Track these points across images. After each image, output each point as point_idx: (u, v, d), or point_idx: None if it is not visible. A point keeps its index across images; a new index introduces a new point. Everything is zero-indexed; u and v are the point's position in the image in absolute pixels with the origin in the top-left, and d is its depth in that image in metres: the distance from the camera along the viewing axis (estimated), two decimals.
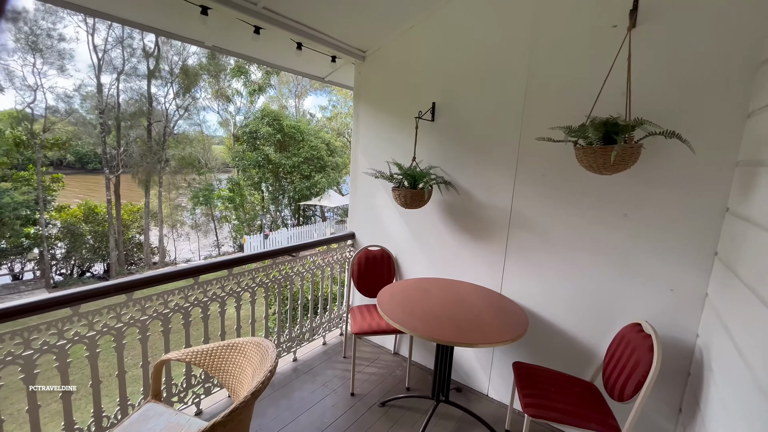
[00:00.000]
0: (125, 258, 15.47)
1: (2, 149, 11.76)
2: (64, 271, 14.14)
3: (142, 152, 15.35)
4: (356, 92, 3.12)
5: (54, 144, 13.75)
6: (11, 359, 1.53)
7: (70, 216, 13.83)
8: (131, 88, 14.89)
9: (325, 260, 3.03)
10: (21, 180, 12.64)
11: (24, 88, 12.57)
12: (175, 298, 2.07)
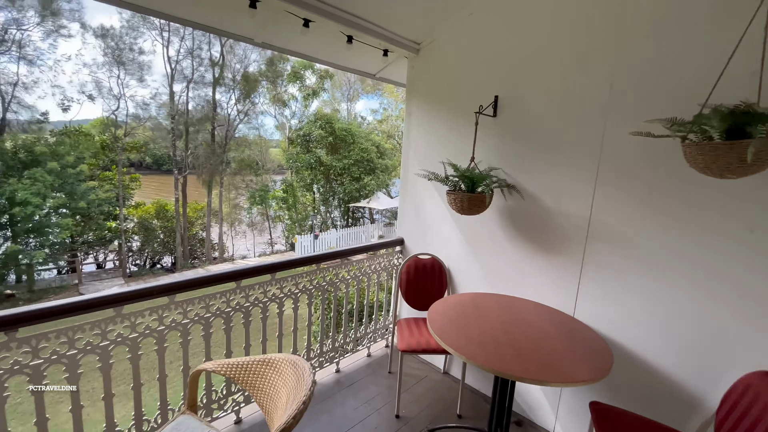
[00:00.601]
0: (189, 252, 16.69)
1: (91, 152, 13.23)
2: (139, 262, 15.59)
3: (206, 154, 16.51)
4: (409, 88, 2.91)
5: (133, 147, 15.25)
6: (56, 358, 1.52)
7: (145, 212, 15.23)
8: (199, 95, 16.09)
9: (372, 267, 2.85)
10: (105, 179, 14.17)
11: (110, 97, 14.08)
12: (217, 302, 2.00)
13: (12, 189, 9.76)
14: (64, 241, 12.11)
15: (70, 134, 13.02)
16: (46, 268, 12.22)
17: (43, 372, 1.50)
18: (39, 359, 1.48)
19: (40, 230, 10.83)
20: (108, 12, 23.46)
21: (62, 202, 11.27)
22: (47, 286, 11.88)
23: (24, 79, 12.35)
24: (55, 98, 13.31)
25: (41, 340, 1.48)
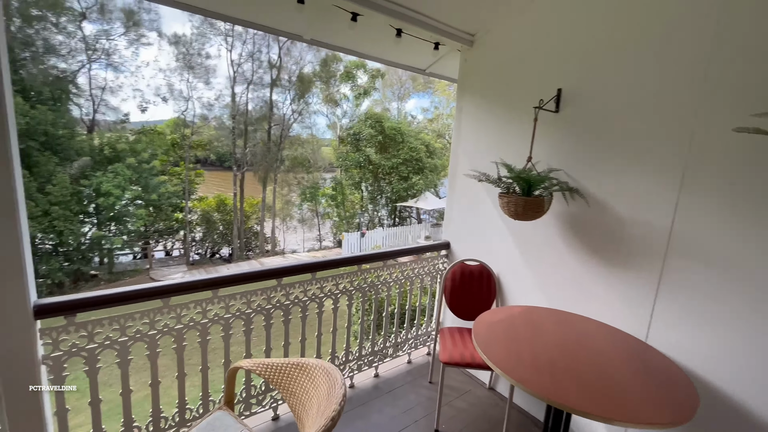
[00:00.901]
0: (245, 245, 17.71)
1: (163, 149, 14.53)
2: (200, 251, 16.83)
3: (262, 152, 17.38)
4: (460, 83, 2.74)
5: (198, 145, 16.48)
6: (109, 344, 1.60)
7: (207, 206, 16.41)
8: (258, 96, 16.98)
9: (415, 270, 2.73)
10: (174, 174, 15.48)
11: (180, 99, 15.33)
12: (258, 299, 2.01)
13: (98, 181, 11.02)
14: (138, 229, 13.44)
15: (146, 133, 14.41)
16: (123, 252, 13.66)
17: (97, 356, 1.58)
18: (94, 343, 1.56)
19: (119, 219, 12.12)
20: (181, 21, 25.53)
21: (138, 194, 12.51)
22: (124, 269, 13.26)
23: (110, 83, 13.88)
24: (135, 100, 14.79)
25: (96, 326, 1.56)
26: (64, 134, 10.99)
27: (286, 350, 2.17)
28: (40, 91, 10.87)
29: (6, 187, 1.30)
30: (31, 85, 10.73)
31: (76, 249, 11.32)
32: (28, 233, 1.41)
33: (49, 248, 10.84)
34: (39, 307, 1.42)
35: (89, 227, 12.01)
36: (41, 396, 1.46)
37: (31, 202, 9.75)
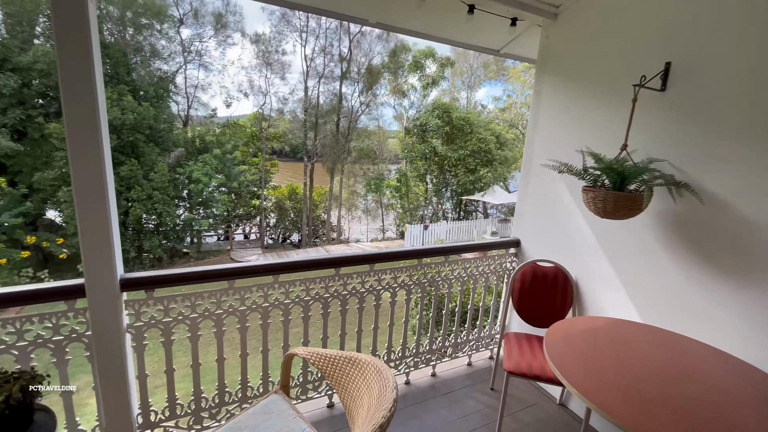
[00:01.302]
0: (312, 232, 18.65)
1: (243, 141, 15.81)
2: (273, 236, 18.12)
3: (331, 144, 18.01)
4: (540, 64, 2.45)
5: (274, 137, 17.61)
6: (182, 318, 1.71)
7: (280, 194, 17.55)
8: (328, 89, 17.58)
9: (480, 269, 2.54)
10: (253, 164, 16.79)
11: (259, 94, 16.49)
12: (317, 287, 2.01)
13: (190, 170, 12.40)
14: (222, 213, 14.88)
15: (230, 126, 15.80)
16: (209, 234, 15.26)
17: (172, 329, 1.70)
18: (169, 317, 1.68)
19: (206, 204, 13.53)
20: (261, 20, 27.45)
21: (222, 182, 13.82)
22: (209, 248, 14.82)
23: (202, 82, 15.44)
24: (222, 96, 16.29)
25: (171, 302, 1.68)
26: (164, 128, 12.51)
27: (343, 341, 2.16)
28: (146, 90, 12.48)
29: (98, 177, 1.42)
30: (140, 85, 12.36)
31: (172, 229, 12.91)
32: (117, 215, 1.55)
33: (152, 227, 12.52)
34: (124, 281, 1.55)
35: (182, 210, 13.59)
36: (126, 360, 1.62)
37: (138, 186, 11.31)
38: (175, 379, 1.78)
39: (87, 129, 1.37)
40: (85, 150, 1.38)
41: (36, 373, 1.31)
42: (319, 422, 2.06)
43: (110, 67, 11.50)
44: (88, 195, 1.42)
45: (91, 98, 1.36)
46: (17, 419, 1.24)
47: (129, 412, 1.66)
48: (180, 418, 1.82)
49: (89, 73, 1.34)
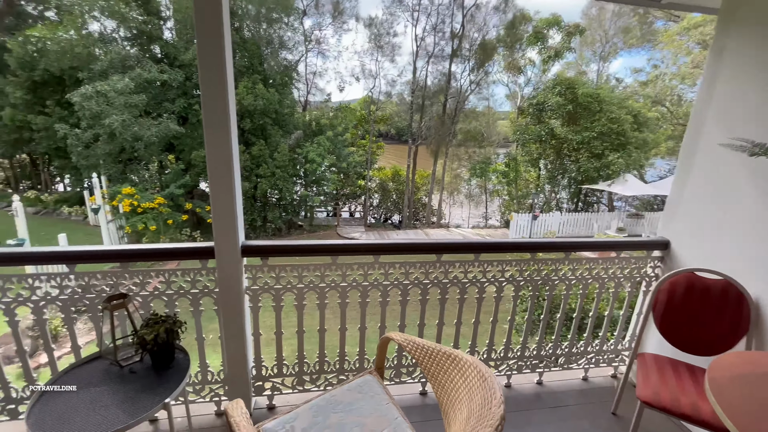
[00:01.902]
0: (413, 214, 18.85)
1: (353, 123, 16.65)
2: (376, 216, 18.92)
3: (436, 126, 17.68)
4: (725, 10, 1.84)
5: (381, 119, 18.09)
6: (290, 287, 1.81)
7: (384, 175, 18.11)
8: (437, 69, 17.15)
9: (609, 271, 2.12)
10: (360, 146, 17.61)
11: (369, 78, 17.02)
12: (416, 272, 1.92)
13: (307, 150, 13.63)
14: (331, 192, 16.10)
15: (342, 110, 16.76)
16: (320, 210, 16.75)
17: (282, 296, 1.82)
18: (279, 285, 1.80)
19: (318, 182, 14.79)
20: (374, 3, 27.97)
21: (333, 163, 14.87)
22: (320, 223, 16.28)
23: (319, 68, 16.62)
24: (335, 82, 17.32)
25: (281, 271, 1.79)
26: (287, 112, 13.94)
27: (440, 330, 2.05)
28: (274, 78, 14.00)
29: (227, 157, 1.55)
30: (269, 74, 13.93)
31: (290, 203, 14.52)
32: (240, 189, 1.68)
33: (274, 201, 14.28)
34: (244, 247, 1.70)
35: (299, 187, 15.13)
36: (244, 318, 1.79)
37: (265, 165, 12.93)
38: (283, 342, 1.92)
39: (219, 114, 1.50)
40: (217, 134, 1.52)
41: (177, 318, 1.52)
42: (410, 408, 2.01)
43: (247, 60, 13.20)
44: (218, 171, 1.56)
45: (223, 89, 1.47)
46: (164, 355, 1.46)
47: (245, 363, 1.85)
48: (286, 377, 1.97)
49: (222, 66, 1.45)
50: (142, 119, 11.28)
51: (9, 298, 1.58)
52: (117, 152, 11.51)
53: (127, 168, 11.89)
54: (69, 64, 11.75)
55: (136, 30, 12.75)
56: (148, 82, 11.67)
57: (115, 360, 1.45)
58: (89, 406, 1.24)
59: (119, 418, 1.20)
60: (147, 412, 1.22)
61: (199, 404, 1.93)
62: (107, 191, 10.37)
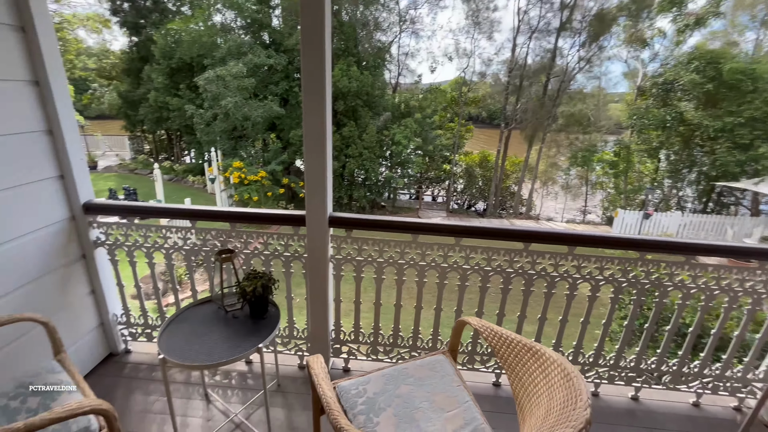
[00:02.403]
0: (499, 203, 17.90)
1: (442, 106, 16.22)
2: (459, 202, 18.44)
3: (534, 109, 16.26)
4: None
5: (472, 101, 17.29)
6: (370, 260, 1.87)
7: (471, 160, 17.44)
8: (540, 45, 15.64)
9: (744, 284, 1.74)
10: (448, 129, 17.14)
11: (463, 57, 16.30)
12: (500, 259, 1.82)
13: (393, 132, 13.77)
14: (415, 174, 16.11)
15: (431, 91, 16.43)
16: (402, 192, 16.92)
17: (362, 268, 1.90)
18: (360, 257, 1.87)
19: (403, 164, 14.90)
20: None
21: (419, 145, 14.79)
22: (402, 205, 16.50)
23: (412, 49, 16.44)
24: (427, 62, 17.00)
25: (363, 243, 1.85)
26: (377, 94, 14.19)
27: (520, 323, 1.93)
28: (367, 60, 14.30)
29: (322, 134, 1.63)
30: (362, 57, 14.25)
31: (375, 184, 14.96)
32: (331, 165, 1.76)
33: (360, 181, 14.87)
34: (332, 218, 1.79)
35: (384, 168, 15.47)
36: (328, 284, 1.91)
37: (353, 145, 13.45)
38: (360, 312, 2.01)
39: (317, 96, 1.58)
40: (313, 114, 1.60)
41: (272, 276, 1.69)
42: (481, 396, 1.96)
43: (343, 43, 13.67)
44: (313, 147, 1.66)
45: (321, 73, 1.54)
46: (259, 306, 1.65)
47: (326, 325, 1.99)
48: (361, 344, 2.07)
49: (321, 51, 1.51)
50: (251, 101, 12.59)
51: (149, 244, 1.94)
52: (230, 130, 13.11)
53: (237, 144, 13.49)
54: (197, 53, 13.62)
55: (250, 19, 14.10)
56: (257, 67, 12.91)
57: (222, 305, 1.68)
58: (201, 339, 1.47)
59: (223, 353, 1.39)
60: (244, 352, 1.40)
61: (285, 355, 2.15)
62: (221, 164, 11.94)
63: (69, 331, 1.88)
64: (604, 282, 1.81)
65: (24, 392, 1.26)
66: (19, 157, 1.60)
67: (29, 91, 1.63)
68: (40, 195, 1.71)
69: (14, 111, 1.58)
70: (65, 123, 1.75)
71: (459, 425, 1.22)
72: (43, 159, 1.71)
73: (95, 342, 2.06)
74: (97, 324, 2.06)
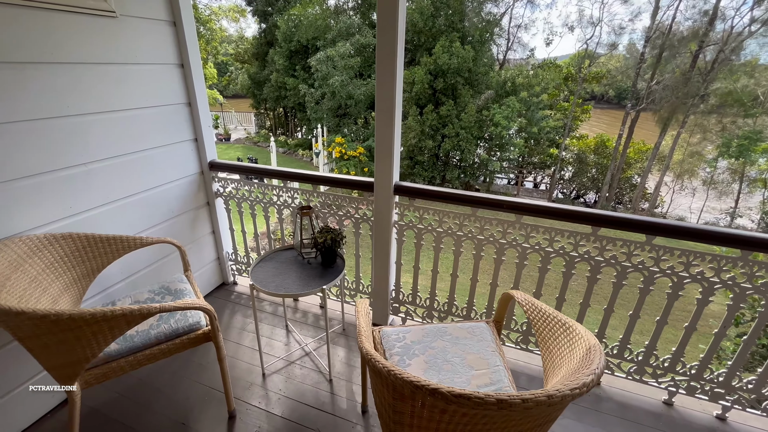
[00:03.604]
0: (615, 196, 15.70)
1: (555, 83, 14.62)
2: (565, 191, 16.75)
3: (674, 85, 13.56)
4: None
5: (595, 78, 15.18)
6: (430, 229, 1.98)
7: (584, 145, 15.54)
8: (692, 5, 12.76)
9: None
10: (560, 109, 15.46)
11: (587, 26, 14.29)
12: (563, 241, 1.75)
13: (493, 113, 13.04)
14: (516, 158, 15.10)
15: (544, 67, 14.92)
16: (500, 176, 16.06)
17: (422, 235, 2.02)
18: (421, 225, 2.00)
19: (502, 146, 14.08)
20: None
21: (522, 126, 13.76)
22: (498, 190, 15.74)
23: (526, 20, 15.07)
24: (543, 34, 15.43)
25: (425, 213, 1.97)
26: (480, 71, 13.52)
27: (582, 312, 1.84)
28: (473, 35, 13.63)
29: (390, 108, 1.76)
30: (468, 31, 13.63)
31: (470, 166, 14.54)
32: (399, 138, 1.89)
33: (455, 162, 14.61)
34: (397, 186, 1.95)
35: (481, 150, 14.87)
36: (391, 248, 2.10)
37: (450, 125, 13.20)
38: (419, 277, 2.16)
39: (387, 68, 1.71)
40: (384, 85, 1.74)
41: (341, 231, 1.94)
42: (520, 374, 1.95)
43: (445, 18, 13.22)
44: (383, 120, 1.81)
45: (393, 46, 1.66)
46: (329, 256, 1.92)
47: (387, 285, 2.19)
48: (418, 307, 2.23)
49: (394, 28, 1.63)
50: (355, 80, 13.28)
51: (252, 198, 2.37)
52: (336, 108, 14.11)
53: (341, 121, 14.47)
54: (313, 35, 14.80)
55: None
56: (363, 47, 13.47)
57: (300, 252, 2.00)
58: (281, 275, 1.80)
59: (296, 288, 1.70)
60: (311, 289, 1.68)
61: (352, 306, 2.43)
62: (326, 139, 13.01)
63: (195, 259, 2.46)
64: (720, 286, 1.58)
65: (164, 291, 1.75)
66: (169, 122, 2.12)
67: (177, 72, 2.13)
68: (181, 152, 2.24)
69: (168, 87, 2.09)
70: (200, 97, 2.23)
71: (484, 383, 1.30)
72: (185, 125, 2.23)
73: (212, 272, 2.63)
74: (214, 257, 2.62)
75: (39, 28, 1.49)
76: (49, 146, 1.57)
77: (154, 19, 1.94)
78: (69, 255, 1.67)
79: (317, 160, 13.31)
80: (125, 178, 1.91)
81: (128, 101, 1.87)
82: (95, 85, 1.70)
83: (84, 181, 1.73)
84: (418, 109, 13.50)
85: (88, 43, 1.65)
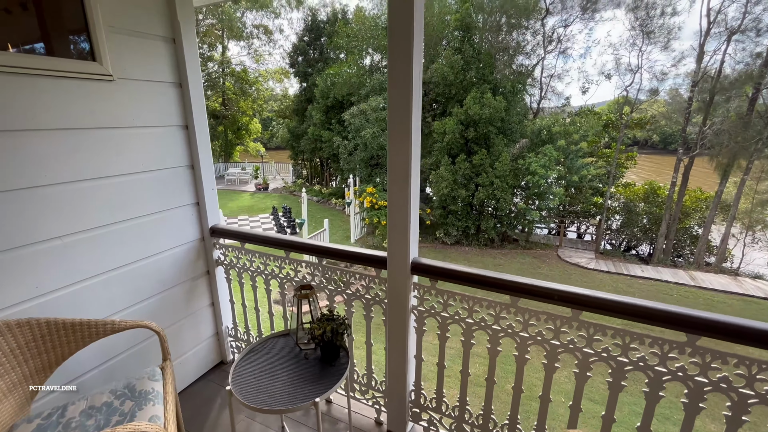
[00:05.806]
0: (674, 248, 14.19)
1: (594, 130, 14.05)
2: (614, 242, 15.42)
3: (733, 129, 12.54)
4: None
5: (638, 124, 14.48)
6: (457, 319, 1.56)
7: (632, 193, 14.48)
8: (742, 49, 12.11)
9: None
10: (602, 156, 14.71)
11: (626, 73, 13.90)
12: (644, 350, 1.26)
13: (529, 161, 12.57)
14: (556, 207, 14.26)
15: (581, 114, 14.48)
16: (539, 226, 15.14)
17: (447, 326, 1.60)
18: (446, 313, 1.58)
19: (541, 195, 13.36)
20: None
21: (561, 175, 13.09)
22: (538, 240, 14.77)
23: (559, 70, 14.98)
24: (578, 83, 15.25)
25: (450, 298, 1.56)
26: (513, 120, 13.32)
27: None
28: (504, 86, 13.65)
29: (406, 171, 1.46)
30: (500, 82, 13.68)
31: (506, 215, 13.86)
32: (417, 202, 1.56)
33: (490, 211, 14.01)
34: (414, 264, 1.58)
35: (518, 199, 14.23)
36: (407, 337, 1.68)
37: (484, 174, 12.84)
38: (444, 377, 1.70)
39: (402, 133, 1.44)
40: (398, 149, 1.46)
41: (344, 320, 1.57)
42: None
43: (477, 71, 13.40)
44: (397, 184, 1.50)
45: (407, 109, 1.40)
46: (329, 350, 1.54)
47: (405, 384, 1.74)
48: (444, 416, 1.74)
49: (408, 88, 1.38)
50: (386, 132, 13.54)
51: (253, 269, 2.08)
52: (368, 159, 14.31)
53: (373, 172, 14.59)
54: (347, 92, 15.55)
55: None
56: None
57: (297, 343, 1.64)
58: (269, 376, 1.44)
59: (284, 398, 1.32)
60: (301, 404, 1.29)
61: (362, 404, 1.98)
62: (357, 189, 13.05)
63: (191, 335, 2.16)
64: None
65: (126, 394, 1.42)
66: (167, 186, 1.94)
67: (181, 134, 1.98)
68: (179, 218, 2.03)
69: (169, 150, 1.93)
70: (203, 159, 2.06)
71: None
72: (185, 188, 2.04)
73: (209, 349, 2.31)
74: (212, 333, 2.32)
75: (26, 94, 1.38)
76: (16, 219, 1.38)
77: (157, 82, 1.83)
78: (23, 346, 1.41)
79: (349, 210, 13.30)
80: (110, 249, 1.70)
81: (122, 166, 1.71)
82: (79, 151, 1.55)
83: (58, 255, 1.53)
84: (450, 158, 13.35)
85: (78, 109, 1.52)
